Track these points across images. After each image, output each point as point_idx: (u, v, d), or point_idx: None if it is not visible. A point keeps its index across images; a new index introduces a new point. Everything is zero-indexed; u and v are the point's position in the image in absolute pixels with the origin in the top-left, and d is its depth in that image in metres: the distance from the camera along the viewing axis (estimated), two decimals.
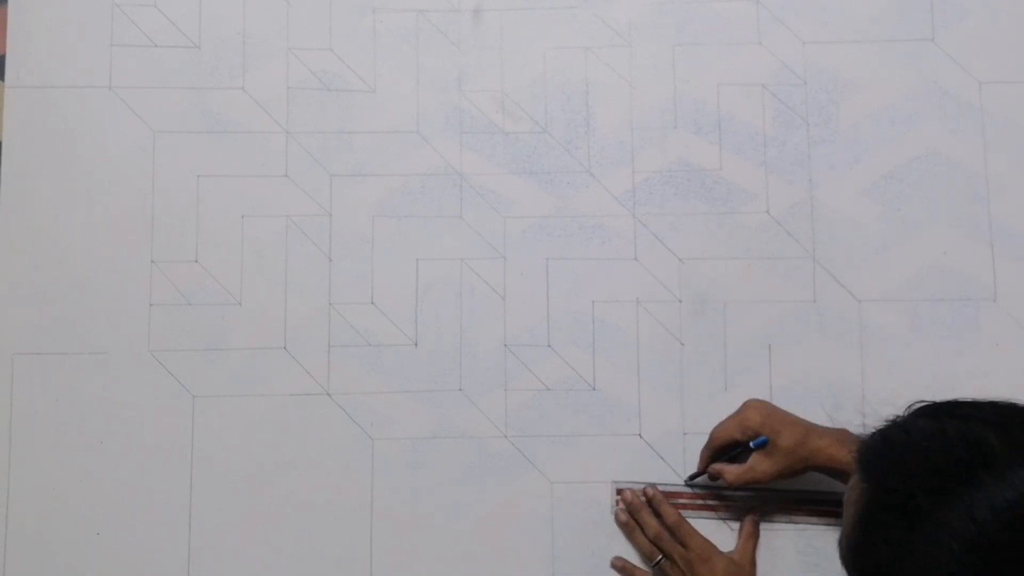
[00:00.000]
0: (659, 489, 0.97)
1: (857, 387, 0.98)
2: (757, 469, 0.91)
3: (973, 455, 0.58)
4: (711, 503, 0.97)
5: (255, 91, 1.04)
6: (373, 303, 1.02)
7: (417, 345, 1.01)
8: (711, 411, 0.97)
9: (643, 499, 0.96)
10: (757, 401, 0.94)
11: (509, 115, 1.04)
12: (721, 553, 0.93)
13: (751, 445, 0.91)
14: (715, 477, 0.94)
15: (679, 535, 0.94)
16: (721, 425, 0.94)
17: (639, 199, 1.03)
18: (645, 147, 1.03)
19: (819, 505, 0.97)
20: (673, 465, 0.98)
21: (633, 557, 0.97)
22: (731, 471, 0.92)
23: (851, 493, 0.64)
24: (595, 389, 1.00)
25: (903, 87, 1.03)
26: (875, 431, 0.65)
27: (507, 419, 1.00)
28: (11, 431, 0.99)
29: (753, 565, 0.94)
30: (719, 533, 0.96)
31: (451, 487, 0.99)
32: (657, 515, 0.96)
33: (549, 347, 1.01)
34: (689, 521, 0.95)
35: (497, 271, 1.02)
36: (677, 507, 0.96)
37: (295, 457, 0.99)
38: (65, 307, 1.01)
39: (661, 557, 0.93)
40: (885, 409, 0.67)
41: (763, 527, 0.96)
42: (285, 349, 1.01)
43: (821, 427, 0.92)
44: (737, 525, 0.97)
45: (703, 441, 0.95)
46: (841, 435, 0.90)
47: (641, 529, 0.95)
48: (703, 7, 1.05)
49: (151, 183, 1.03)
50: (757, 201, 1.02)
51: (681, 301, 1.01)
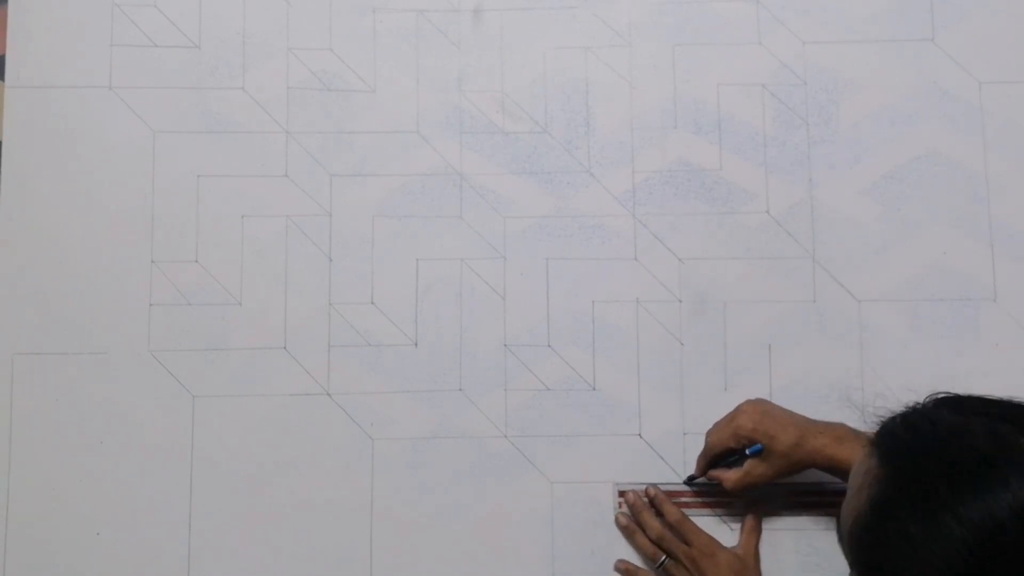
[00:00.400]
0: (660, 489, 0.97)
1: (857, 387, 0.98)
2: (754, 474, 0.91)
3: (998, 453, 0.58)
4: (711, 501, 0.97)
5: (255, 91, 1.04)
6: (373, 303, 1.02)
7: (417, 345, 1.01)
8: (711, 411, 0.97)
9: (645, 500, 0.97)
10: (750, 404, 0.93)
11: (509, 115, 1.04)
12: (725, 549, 0.93)
13: (747, 452, 0.91)
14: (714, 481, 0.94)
15: (682, 533, 0.94)
16: (715, 431, 0.94)
17: (639, 199, 1.03)
18: (645, 147, 1.03)
19: (822, 497, 0.96)
20: (673, 465, 0.98)
21: (633, 557, 0.97)
22: (729, 478, 0.92)
23: (865, 476, 0.63)
24: (595, 389, 1.00)
25: (903, 87, 1.03)
26: (895, 416, 0.65)
27: (507, 419, 1.00)
28: (11, 431, 0.99)
29: (757, 560, 0.94)
30: (719, 532, 0.95)
31: (451, 487, 0.99)
32: (659, 515, 0.96)
33: (549, 347, 1.01)
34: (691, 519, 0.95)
35: (497, 271, 1.02)
36: (678, 506, 0.96)
37: (295, 457, 0.99)
38: (65, 307, 1.01)
39: (665, 558, 0.93)
40: (885, 409, 0.66)
41: (764, 527, 0.96)
42: (285, 349, 1.01)
43: (818, 424, 0.91)
44: (737, 524, 0.97)
45: (703, 441, 0.95)
46: (839, 432, 0.89)
47: (643, 530, 0.95)
48: (703, 7, 1.05)
49: (151, 183, 1.03)
50: (757, 201, 1.02)
51: (681, 301, 1.01)
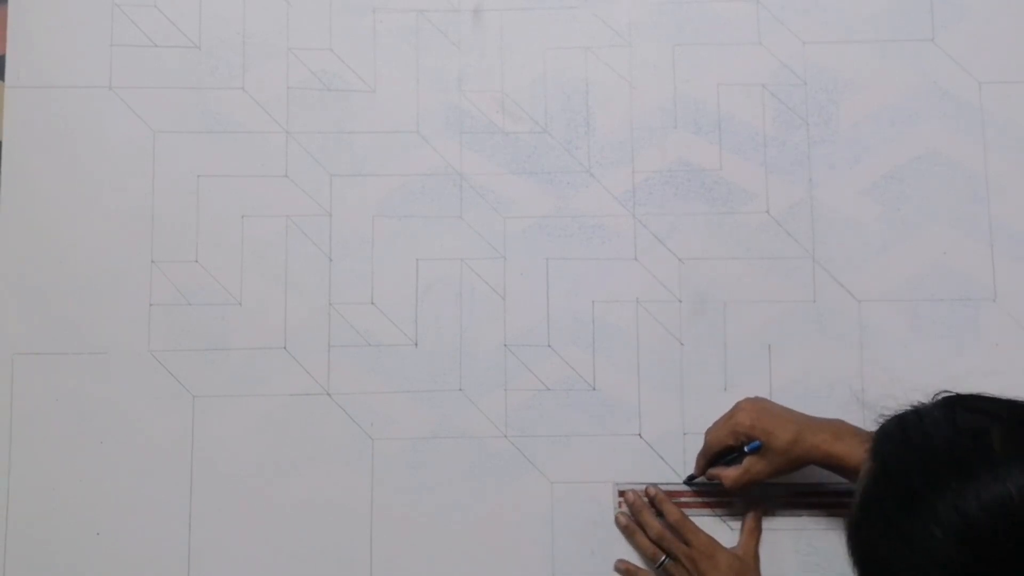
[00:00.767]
0: (660, 489, 0.97)
1: (857, 387, 0.98)
2: (752, 471, 0.91)
3: (973, 447, 0.58)
4: (711, 501, 0.97)
5: (255, 91, 1.04)
6: (373, 303, 1.02)
7: (417, 345, 1.01)
8: (711, 411, 0.97)
9: (645, 499, 0.97)
10: (748, 401, 0.93)
11: (509, 115, 1.04)
12: (725, 549, 0.93)
13: (745, 450, 0.91)
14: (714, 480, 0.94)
15: (682, 533, 0.94)
16: (714, 430, 0.94)
17: (639, 199, 1.03)
18: (645, 147, 1.03)
19: (821, 497, 0.96)
20: (673, 465, 0.98)
21: (633, 558, 0.97)
22: (728, 476, 0.92)
23: (860, 473, 0.65)
24: (595, 389, 1.00)
25: (903, 87, 1.03)
26: (894, 415, 0.65)
27: (507, 419, 0.99)
28: (11, 431, 0.99)
29: (757, 560, 0.94)
30: (719, 532, 0.95)
31: (451, 487, 0.99)
32: (659, 515, 0.96)
33: (549, 347, 1.01)
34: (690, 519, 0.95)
35: (497, 271, 1.02)
36: (677, 506, 0.96)
37: (295, 457, 0.99)
38: (65, 307, 1.01)
39: (665, 558, 0.94)
40: (892, 409, 0.67)
41: (764, 527, 0.96)
42: (285, 349, 1.01)
43: (817, 420, 0.91)
44: (737, 524, 0.97)
45: (703, 441, 0.95)
46: (837, 428, 0.89)
47: (643, 530, 0.95)
48: (703, 7, 1.05)
49: (151, 183, 1.03)
50: (757, 201, 1.02)
51: (681, 301, 1.01)
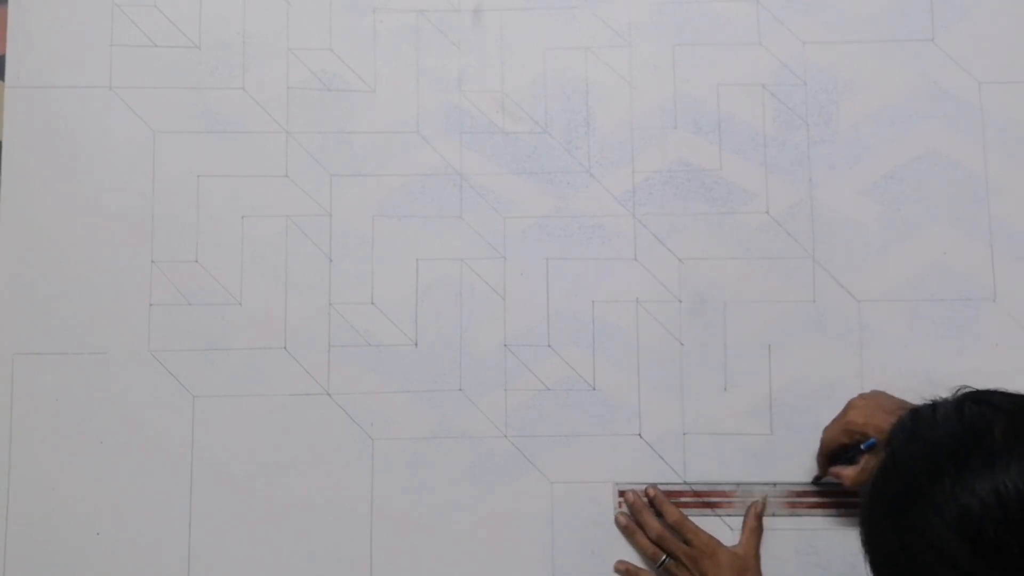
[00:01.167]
0: (660, 489, 0.97)
1: (857, 387, 0.98)
2: (870, 469, 0.89)
3: (974, 439, 0.59)
4: (711, 501, 0.97)
5: (255, 91, 1.04)
6: (373, 303, 1.02)
7: (417, 345, 1.01)
8: (711, 411, 0.97)
9: (645, 499, 0.97)
10: (862, 398, 0.93)
11: (509, 115, 1.04)
12: (725, 548, 0.93)
13: (861, 448, 0.90)
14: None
15: (682, 533, 0.94)
16: (829, 428, 0.93)
17: (639, 199, 1.03)
18: (645, 147, 1.03)
19: (822, 497, 0.97)
20: (673, 465, 0.98)
21: (633, 558, 0.97)
22: (847, 475, 0.91)
23: (874, 464, 0.65)
24: (595, 389, 1.00)
25: (903, 87, 1.03)
26: (913, 408, 0.66)
27: (507, 419, 0.99)
28: (11, 431, 0.99)
29: (757, 559, 0.94)
30: (719, 532, 0.95)
31: (451, 487, 0.99)
32: (659, 515, 0.96)
33: (549, 347, 1.01)
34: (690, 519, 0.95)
35: (497, 271, 1.02)
36: (677, 506, 0.96)
37: (295, 457, 0.99)
38: (65, 307, 1.01)
39: (665, 557, 0.94)
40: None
41: (764, 527, 0.96)
42: (285, 349, 1.01)
43: None
44: (737, 524, 0.97)
45: (703, 441, 0.96)
46: None
47: (643, 530, 0.95)
48: (703, 7, 1.05)
49: (151, 183, 1.03)
50: (757, 201, 1.02)
51: (681, 301, 1.01)
